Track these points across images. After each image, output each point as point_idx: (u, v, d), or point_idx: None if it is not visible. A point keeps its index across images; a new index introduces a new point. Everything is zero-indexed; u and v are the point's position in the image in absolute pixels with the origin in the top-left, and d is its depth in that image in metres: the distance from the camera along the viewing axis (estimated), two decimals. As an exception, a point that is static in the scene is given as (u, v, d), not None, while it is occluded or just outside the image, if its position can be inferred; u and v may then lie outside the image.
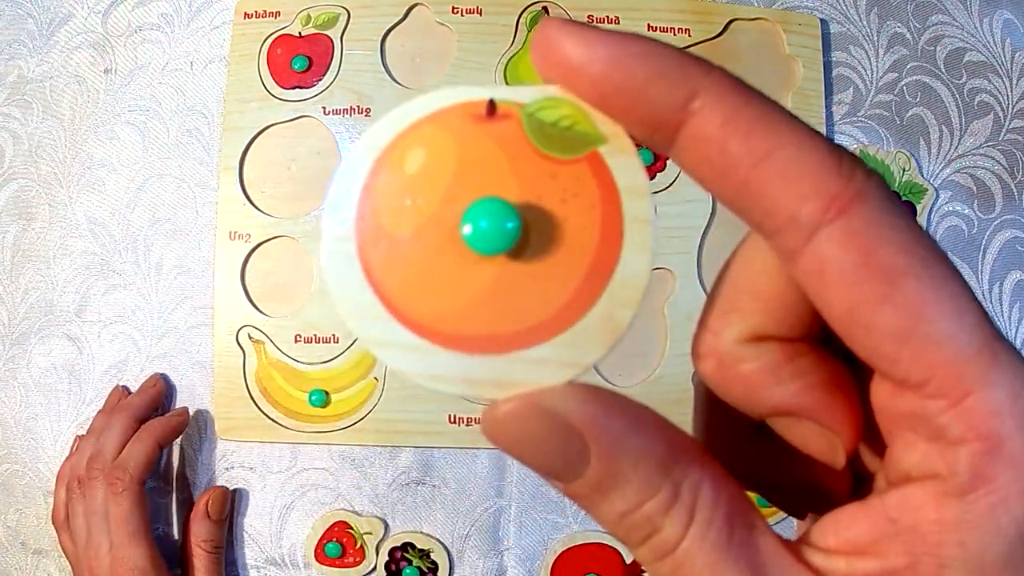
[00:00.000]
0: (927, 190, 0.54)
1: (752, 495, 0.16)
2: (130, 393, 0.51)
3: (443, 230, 0.15)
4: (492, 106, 0.15)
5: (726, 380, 0.16)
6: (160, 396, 0.51)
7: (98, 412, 0.50)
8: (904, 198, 0.54)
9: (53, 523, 0.49)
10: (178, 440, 0.51)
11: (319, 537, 0.50)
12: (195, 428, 0.51)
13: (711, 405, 0.17)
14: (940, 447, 0.13)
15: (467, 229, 0.14)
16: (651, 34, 0.53)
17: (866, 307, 0.13)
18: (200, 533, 0.49)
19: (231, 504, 0.51)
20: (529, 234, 0.15)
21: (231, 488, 0.51)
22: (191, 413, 0.51)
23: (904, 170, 0.54)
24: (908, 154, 0.54)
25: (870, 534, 0.14)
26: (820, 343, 0.16)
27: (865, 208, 0.13)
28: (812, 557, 0.15)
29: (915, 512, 0.14)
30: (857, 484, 0.17)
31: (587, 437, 0.14)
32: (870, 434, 0.16)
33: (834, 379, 0.16)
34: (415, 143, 0.15)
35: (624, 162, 0.15)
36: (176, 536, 0.51)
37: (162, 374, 0.52)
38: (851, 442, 0.16)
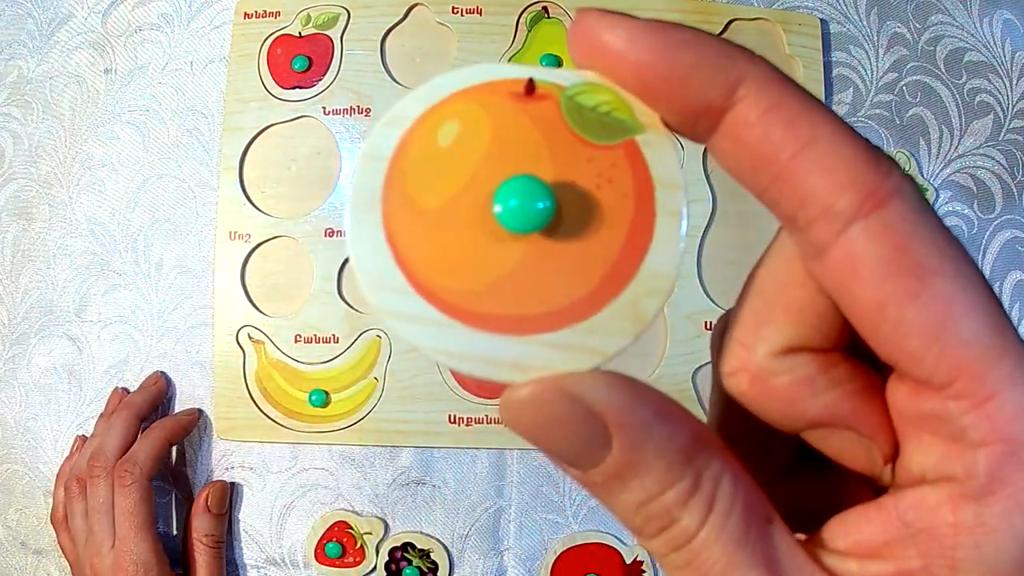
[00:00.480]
0: (927, 190, 0.54)
1: None
2: (130, 394, 0.51)
3: (473, 205, 0.14)
4: (531, 85, 0.15)
5: (760, 395, 0.16)
6: (161, 394, 0.51)
7: (99, 416, 0.50)
8: (904, 198, 0.54)
9: (52, 523, 0.49)
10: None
11: (319, 537, 0.50)
12: (195, 428, 0.51)
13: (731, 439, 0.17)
14: (958, 449, 0.13)
15: (498, 206, 0.14)
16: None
17: (895, 303, 0.13)
18: (201, 528, 0.49)
19: (231, 502, 0.51)
20: (560, 216, 0.14)
21: (231, 488, 0.51)
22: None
23: (904, 170, 0.54)
24: (908, 154, 0.54)
25: (883, 536, 0.14)
26: (850, 351, 0.16)
27: (901, 205, 0.13)
28: (825, 558, 0.15)
29: (930, 514, 0.13)
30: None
31: (610, 424, 0.14)
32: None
33: (867, 387, 0.15)
34: (449, 116, 0.15)
35: (660, 153, 0.15)
36: (176, 535, 0.51)
37: (162, 372, 0.52)
38: (889, 449, 0.15)
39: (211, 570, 0.49)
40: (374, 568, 0.51)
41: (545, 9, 0.53)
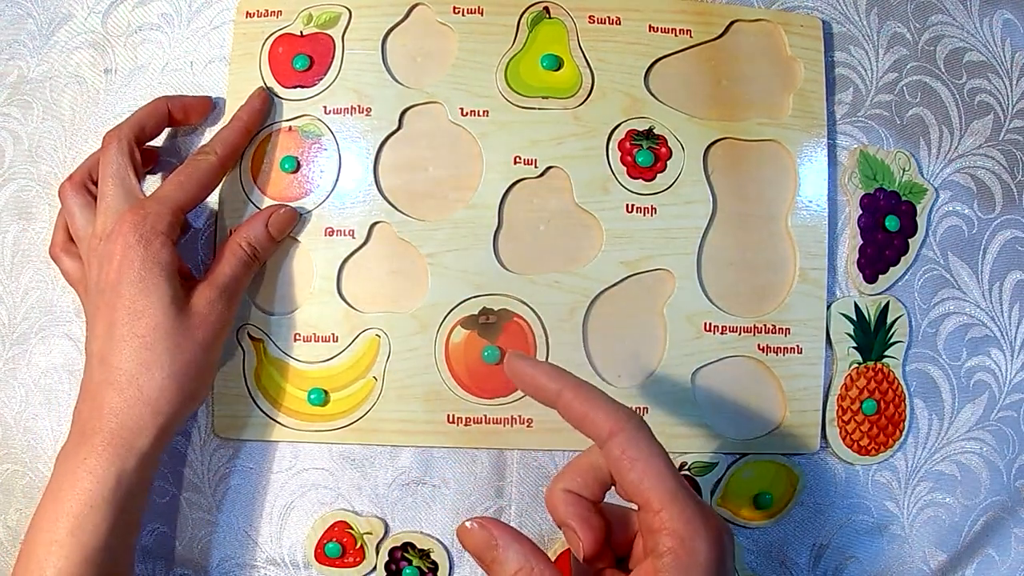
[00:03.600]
0: (927, 190, 0.54)
1: None
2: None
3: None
4: None
5: (550, 499, 0.36)
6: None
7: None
8: (904, 198, 0.54)
9: (51, 257, 0.49)
10: (176, 440, 0.51)
11: (319, 537, 0.50)
12: (194, 427, 0.51)
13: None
14: (653, 535, 0.32)
15: None
16: (652, 35, 0.53)
17: (625, 476, 0.33)
18: (248, 233, 0.48)
19: (231, 501, 0.51)
20: None
21: (231, 488, 0.51)
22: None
23: (904, 170, 0.54)
24: (908, 154, 0.54)
25: None
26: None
27: (625, 432, 0.33)
28: None
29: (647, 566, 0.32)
30: None
31: (498, 541, 0.34)
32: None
33: (594, 515, 0.35)
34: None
35: None
36: (176, 536, 0.51)
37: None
38: (588, 547, 0.34)
39: (236, 275, 0.47)
40: (374, 568, 0.51)
41: (546, 9, 0.53)
